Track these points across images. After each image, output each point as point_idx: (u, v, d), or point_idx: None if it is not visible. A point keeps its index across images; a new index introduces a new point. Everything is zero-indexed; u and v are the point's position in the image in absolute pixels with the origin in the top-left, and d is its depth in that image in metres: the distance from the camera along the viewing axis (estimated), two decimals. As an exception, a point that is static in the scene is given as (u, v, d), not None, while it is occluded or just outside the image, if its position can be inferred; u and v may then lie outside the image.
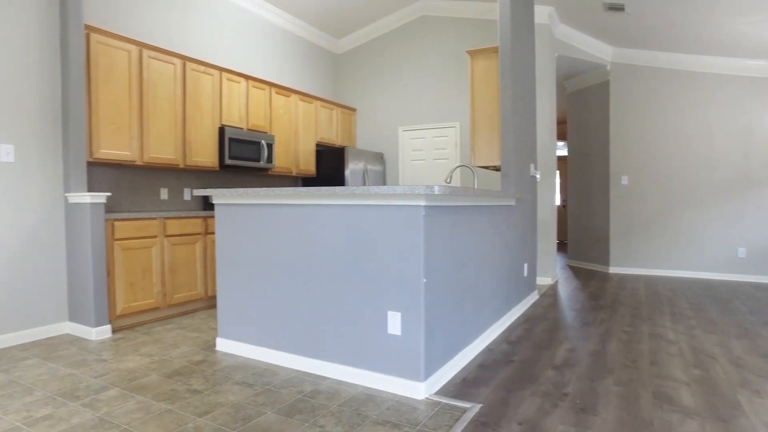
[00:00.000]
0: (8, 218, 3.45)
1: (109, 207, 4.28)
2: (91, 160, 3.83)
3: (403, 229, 2.56)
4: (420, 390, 2.54)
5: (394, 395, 2.58)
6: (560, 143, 11.98)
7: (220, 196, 3.29)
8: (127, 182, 4.42)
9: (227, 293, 3.31)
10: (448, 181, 3.86)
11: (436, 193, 2.34)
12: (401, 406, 2.46)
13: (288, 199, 2.97)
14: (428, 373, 2.59)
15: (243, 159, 5.09)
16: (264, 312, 3.13)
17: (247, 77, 5.21)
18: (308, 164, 6.15)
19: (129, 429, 2.21)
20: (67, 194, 3.70)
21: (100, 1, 4.18)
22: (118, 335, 3.69)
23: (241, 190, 3.08)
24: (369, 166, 6.49)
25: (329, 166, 6.24)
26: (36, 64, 3.59)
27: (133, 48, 4.11)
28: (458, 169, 6.27)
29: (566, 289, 5.65)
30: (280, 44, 6.22)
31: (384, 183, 6.87)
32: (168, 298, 4.14)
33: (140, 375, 2.88)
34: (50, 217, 3.68)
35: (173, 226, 4.18)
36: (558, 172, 12.74)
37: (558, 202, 12.65)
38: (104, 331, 3.64)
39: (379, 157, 6.73)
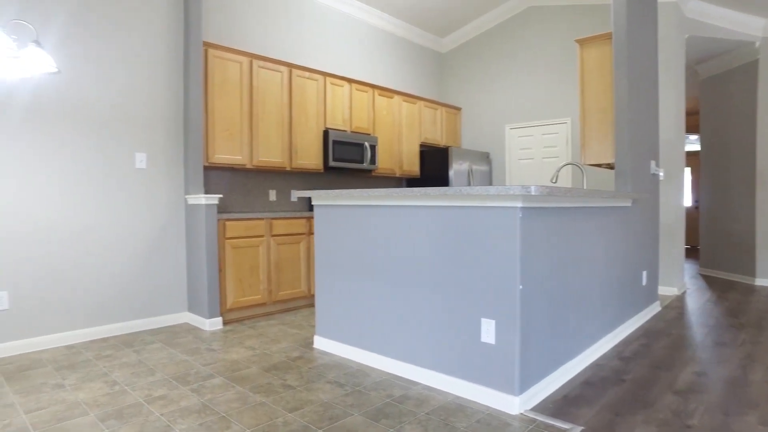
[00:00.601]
0: (141, 217, 3.87)
1: (224, 208, 4.63)
2: (207, 164, 4.17)
3: (498, 232, 2.40)
4: (514, 404, 2.36)
5: (486, 407, 2.44)
6: (692, 136, 10.67)
7: (318, 197, 3.37)
8: (240, 185, 4.75)
9: (324, 293, 3.38)
10: (553, 180, 3.58)
11: (533, 193, 2.15)
12: (492, 419, 2.31)
13: (379, 200, 2.95)
14: (524, 387, 2.41)
15: (347, 161, 5.22)
16: (358, 313, 3.15)
17: (350, 81, 5.34)
18: (412, 165, 6.13)
19: (226, 417, 2.34)
20: (186, 196, 4.06)
21: (217, 19, 4.54)
22: (228, 327, 3.97)
23: (336, 191, 3.13)
24: (474, 166, 6.30)
25: (433, 167, 6.17)
26: (164, 80, 3.99)
27: (245, 59, 4.40)
28: (568, 168, 5.84)
29: (696, 302, 4.98)
30: (384, 46, 6.29)
31: (490, 183, 6.64)
32: (273, 294, 4.36)
33: (242, 366, 3.04)
34: (174, 216, 4.07)
35: (279, 226, 4.40)
36: (689, 169, 11.36)
37: (688, 202, 11.28)
38: (216, 323, 3.93)
39: (485, 157, 6.51)
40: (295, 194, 3.40)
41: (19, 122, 3.28)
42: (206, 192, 4.47)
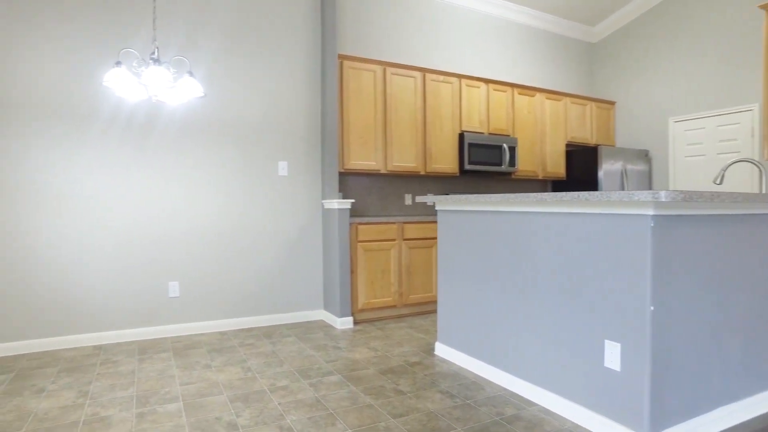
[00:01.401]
0: (283, 220, 4.26)
1: (361, 212, 4.84)
2: (343, 170, 4.40)
3: (624, 244, 2.08)
4: (643, 445, 2.01)
5: (610, 443, 2.12)
6: None
7: (440, 202, 3.32)
8: (377, 189, 4.92)
9: (446, 299, 3.31)
10: (717, 181, 2.98)
11: (663, 200, 1.81)
12: (614, 459, 2.00)
13: (497, 206, 2.79)
14: (658, 425, 2.03)
15: (483, 164, 5.06)
16: (477, 322, 3.01)
17: (487, 81, 5.17)
18: (557, 166, 5.69)
19: (333, 414, 2.42)
20: (323, 201, 4.35)
21: (351, 31, 4.77)
22: (358, 327, 4.13)
23: (457, 196, 3.05)
24: (629, 166, 5.60)
25: (581, 168, 5.65)
26: (302, 93, 4.34)
27: (378, 68, 4.55)
28: (739, 164, 4.81)
29: None
30: (524, 42, 5.95)
31: (649, 184, 5.82)
32: (404, 297, 4.42)
33: (361, 367, 3.13)
34: (312, 220, 4.39)
35: (411, 230, 4.44)
36: None
37: None
38: (347, 322, 4.12)
39: (643, 155, 5.74)
40: (419, 199, 3.39)
41: (183, 138, 3.86)
42: (344, 196, 4.73)
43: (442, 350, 3.34)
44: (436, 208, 3.40)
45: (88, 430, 2.27)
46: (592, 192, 2.10)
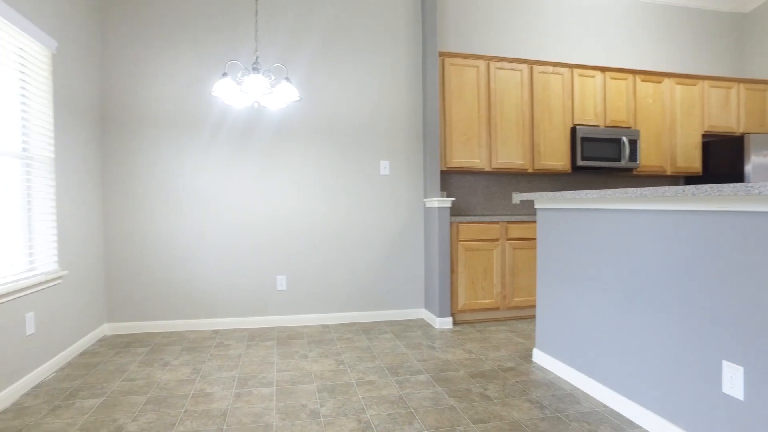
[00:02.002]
0: (385, 219, 4.33)
1: (465, 210, 4.74)
2: (446, 169, 4.35)
3: (745, 245, 1.76)
4: (767, 488, 1.68)
5: (725, 481, 1.80)
6: None
7: (540, 200, 3.12)
8: (482, 188, 4.78)
9: (545, 303, 3.10)
10: None
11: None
12: (727, 499, 1.69)
13: (593, 203, 2.53)
14: (788, 468, 1.68)
15: (599, 159, 4.64)
16: (577, 329, 2.77)
17: (603, 69, 4.73)
18: (690, 160, 5.01)
19: (413, 413, 2.40)
20: (425, 199, 4.33)
21: (453, 28, 4.69)
22: (457, 328, 4.04)
23: (552, 193, 2.84)
24: (789, 158, 4.71)
25: (722, 161, 4.90)
26: (404, 92, 4.37)
27: (481, 63, 4.41)
28: None
29: None
30: (647, 21, 5.32)
31: (819, 180, 4.84)
32: (507, 300, 4.23)
33: (452, 368, 3.06)
34: (413, 219, 4.40)
35: (515, 230, 4.24)
36: None
37: None
38: (446, 322, 4.06)
39: (810, 144, 4.79)
40: (516, 197, 3.22)
41: (289, 141, 4.13)
42: (448, 195, 4.67)
43: (539, 357, 3.13)
44: (536, 207, 3.20)
45: (194, 402, 2.53)
46: (700, 186, 1.80)
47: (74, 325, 3.32)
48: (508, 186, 4.86)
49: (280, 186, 4.14)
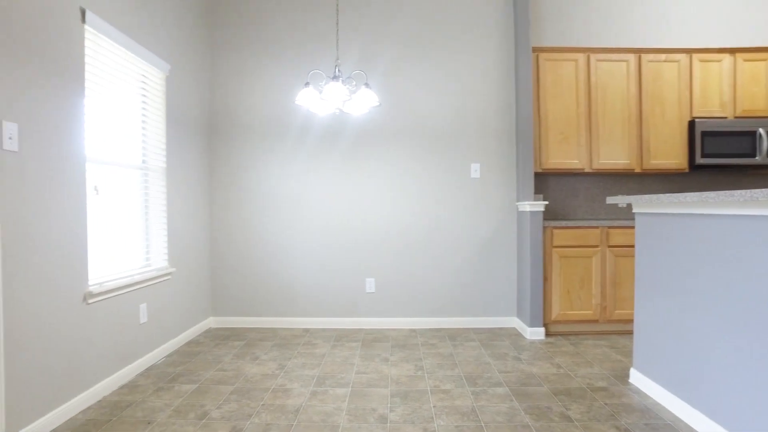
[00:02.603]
0: (475, 223, 4.21)
1: (564, 215, 4.43)
2: (541, 170, 4.10)
3: None
4: None
5: None
6: None
7: (639, 204, 2.81)
8: (583, 191, 4.43)
9: (644, 319, 2.78)
10: None
11: None
12: None
13: (694, 208, 2.21)
14: None
15: (726, 156, 4.05)
16: (684, 352, 2.44)
17: (732, 50, 4.11)
18: None
19: (482, 427, 2.29)
20: (517, 203, 4.13)
21: (548, 22, 4.39)
22: (549, 339, 3.78)
23: (663, 195, 2.53)
24: None
25: None
26: (495, 91, 4.21)
27: (580, 56, 4.09)
28: None
29: None
30: (806, -7, 4.51)
31: None
32: (608, 312, 3.86)
33: (534, 382, 2.87)
34: (505, 223, 4.22)
35: (617, 236, 3.86)
36: None
37: None
38: (537, 333, 3.82)
39: None
40: (611, 200, 2.94)
41: (377, 145, 4.18)
42: (544, 199, 4.41)
43: (637, 379, 2.81)
44: (635, 211, 2.89)
45: (273, 396, 2.67)
46: (819, 186, 1.49)
47: (181, 316, 3.70)
48: (612, 188, 4.44)
49: (369, 189, 4.22)
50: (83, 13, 2.57)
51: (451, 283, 4.22)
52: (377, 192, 4.22)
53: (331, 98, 2.93)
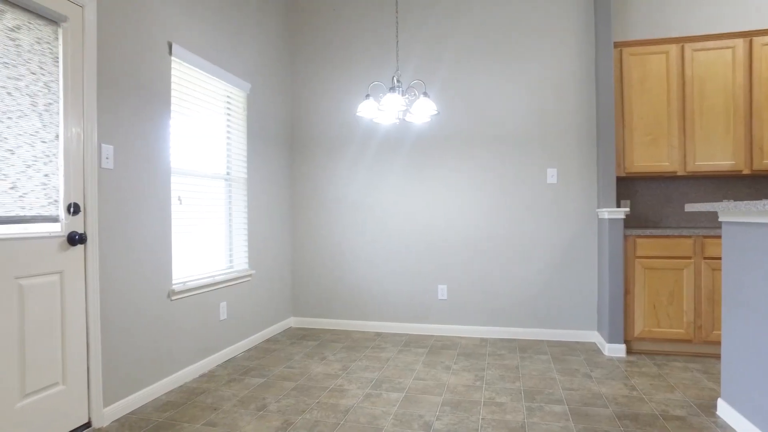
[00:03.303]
0: (550, 231, 4.02)
1: (654, 223, 4.05)
2: (625, 175, 3.80)
3: None
4: None
5: None
6: None
7: (726, 212, 2.51)
8: (677, 197, 4.02)
9: (734, 343, 2.47)
10: None
11: None
12: None
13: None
14: None
15: None
16: None
17: None
18: None
19: (525, 446, 2.21)
20: (597, 210, 3.87)
21: (632, 14, 4.03)
22: (631, 358, 3.48)
23: (753, 203, 2.25)
24: None
25: None
26: (573, 91, 3.98)
27: (672, 47, 3.71)
28: None
29: None
30: None
31: None
32: (703, 332, 3.46)
33: (599, 403, 2.68)
34: (584, 231, 3.97)
35: (714, 247, 3.45)
36: None
37: None
38: (617, 350, 3.54)
39: None
40: (688, 208, 2.65)
41: (445, 152, 4.16)
42: (631, 205, 4.07)
43: (724, 411, 2.50)
44: (720, 220, 2.58)
45: (329, 395, 2.81)
46: None
47: (261, 315, 4.00)
48: (714, 193, 3.97)
49: (440, 196, 4.22)
50: (170, 46, 2.93)
51: (525, 292, 4.07)
52: (448, 199, 4.21)
53: (389, 109, 3.01)
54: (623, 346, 3.55)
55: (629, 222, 4.10)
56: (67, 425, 2.26)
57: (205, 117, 3.37)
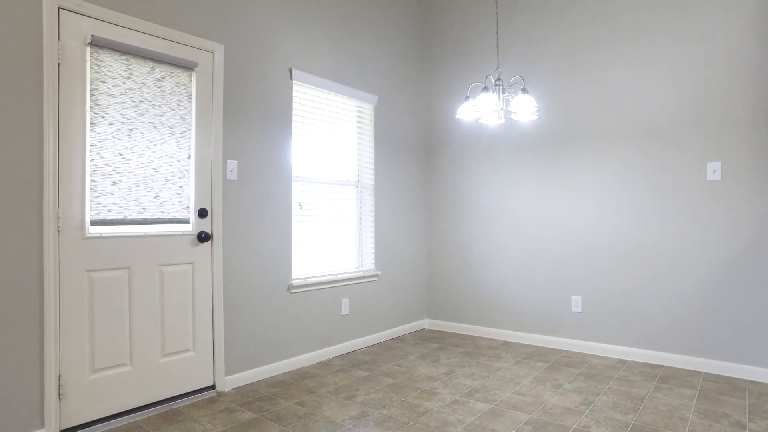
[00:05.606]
0: (710, 238, 3.29)
1: None
2: (825, 167, 2.90)
3: None
4: None
5: None
6: None
7: None
8: None
9: None
10: None
11: None
12: None
13: None
14: None
15: None
16: None
17: None
18: None
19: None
20: (780, 213, 3.03)
21: None
22: None
23: None
24: None
25: None
26: (745, 65, 3.19)
27: None
28: None
29: None
30: None
31: None
32: None
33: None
34: (760, 239, 3.13)
35: None
36: None
37: None
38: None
39: None
40: None
41: (579, 152, 3.74)
42: (842, 207, 3.07)
43: None
44: None
45: (417, 395, 2.87)
46: None
47: (387, 314, 4.22)
48: None
49: (575, 198, 3.84)
50: (290, 71, 3.40)
51: (678, 310, 3.41)
52: (585, 202, 3.80)
53: (484, 110, 2.93)
54: None
55: (841, 230, 3.10)
56: (196, 384, 2.84)
57: (329, 130, 3.77)
